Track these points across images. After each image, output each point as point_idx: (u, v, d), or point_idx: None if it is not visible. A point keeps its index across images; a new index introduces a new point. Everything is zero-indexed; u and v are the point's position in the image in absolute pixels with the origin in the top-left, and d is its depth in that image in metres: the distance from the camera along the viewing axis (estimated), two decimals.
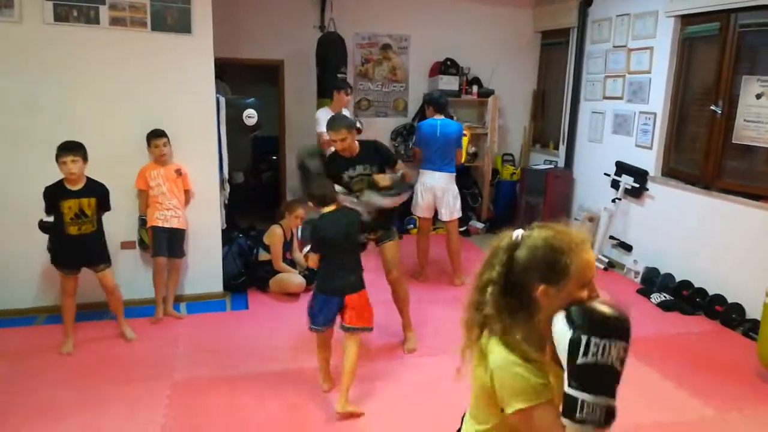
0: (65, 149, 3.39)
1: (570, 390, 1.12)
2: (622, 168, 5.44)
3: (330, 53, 5.82)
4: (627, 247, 5.46)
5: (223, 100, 4.44)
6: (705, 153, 4.65)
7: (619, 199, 5.44)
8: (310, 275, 4.63)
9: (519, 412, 1.19)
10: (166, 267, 4.10)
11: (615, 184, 5.48)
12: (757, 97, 4.10)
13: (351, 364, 2.99)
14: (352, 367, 3.00)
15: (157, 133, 4.02)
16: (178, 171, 4.12)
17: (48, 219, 3.49)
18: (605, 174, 5.61)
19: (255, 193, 7.40)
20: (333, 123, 3.51)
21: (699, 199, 4.63)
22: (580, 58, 6.13)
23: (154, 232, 4.03)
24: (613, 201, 5.47)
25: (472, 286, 1.35)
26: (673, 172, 5.04)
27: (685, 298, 4.57)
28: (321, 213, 3.06)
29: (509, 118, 7.09)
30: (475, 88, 6.68)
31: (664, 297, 4.63)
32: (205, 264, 4.46)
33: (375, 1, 6.43)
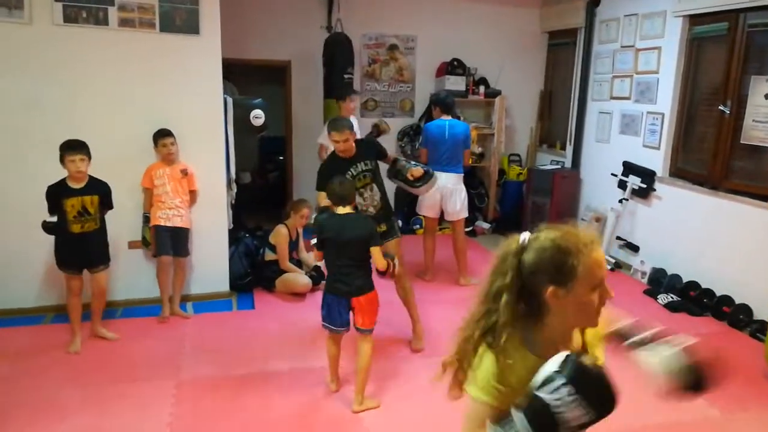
0: (73, 148, 3.41)
1: (513, 409, 1.16)
2: (629, 168, 5.42)
3: (337, 54, 5.81)
4: (634, 248, 5.44)
5: (230, 100, 4.45)
6: (713, 153, 4.63)
7: (627, 199, 5.42)
8: (317, 275, 4.65)
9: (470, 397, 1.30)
10: (170, 266, 4.12)
11: (622, 185, 5.47)
12: (766, 97, 4.08)
13: (364, 363, 3.01)
14: (366, 366, 3.02)
15: (164, 132, 4.04)
16: (184, 171, 4.13)
17: (51, 219, 3.50)
18: (612, 174, 5.60)
19: (262, 193, 7.41)
20: (336, 124, 3.51)
21: (706, 199, 4.61)
22: (587, 59, 6.11)
23: (157, 231, 4.05)
24: (620, 201, 5.46)
25: (478, 300, 1.32)
26: (680, 172, 5.02)
27: (693, 299, 4.55)
28: (333, 212, 3.06)
29: (516, 119, 7.09)
30: (482, 89, 6.67)
31: (672, 298, 4.60)
32: (211, 264, 4.47)
33: (382, 1, 6.44)
